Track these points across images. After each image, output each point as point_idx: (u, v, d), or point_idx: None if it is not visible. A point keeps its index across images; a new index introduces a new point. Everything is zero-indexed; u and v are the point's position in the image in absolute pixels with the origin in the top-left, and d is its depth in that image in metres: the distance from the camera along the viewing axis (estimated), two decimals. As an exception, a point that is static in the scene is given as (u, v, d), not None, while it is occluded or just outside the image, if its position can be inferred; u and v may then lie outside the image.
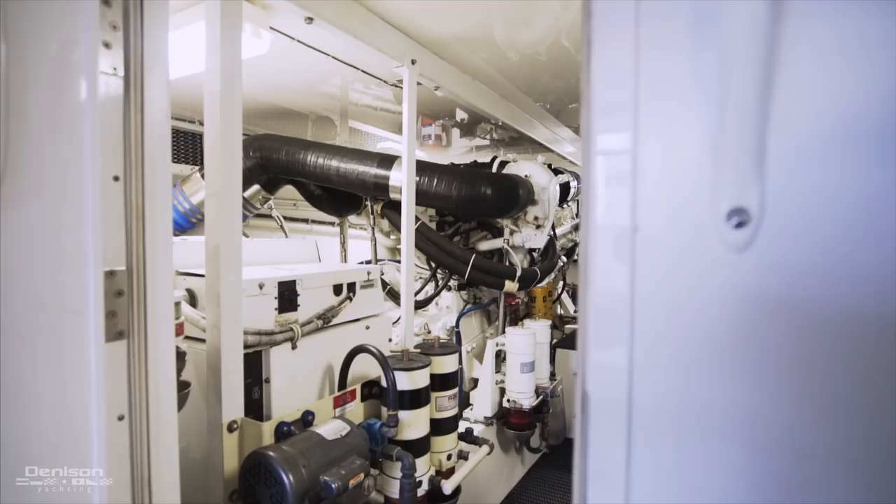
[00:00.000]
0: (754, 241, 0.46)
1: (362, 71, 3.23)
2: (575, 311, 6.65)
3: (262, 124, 4.65)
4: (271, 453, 1.44)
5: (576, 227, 6.00)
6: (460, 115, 5.63)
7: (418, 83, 2.85)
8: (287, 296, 1.90)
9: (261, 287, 1.78)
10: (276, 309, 1.85)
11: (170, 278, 1.17)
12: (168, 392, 1.15)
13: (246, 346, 1.66)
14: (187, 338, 1.74)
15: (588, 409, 0.55)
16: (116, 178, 1.06)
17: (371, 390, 2.07)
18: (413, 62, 2.59)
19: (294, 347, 1.87)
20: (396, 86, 3.53)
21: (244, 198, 3.84)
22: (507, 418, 3.69)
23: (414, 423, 2.03)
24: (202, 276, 1.60)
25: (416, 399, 2.03)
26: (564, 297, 6.31)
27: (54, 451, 1.01)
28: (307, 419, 1.71)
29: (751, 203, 0.47)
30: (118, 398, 1.04)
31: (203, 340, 1.59)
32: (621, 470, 0.52)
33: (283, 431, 1.60)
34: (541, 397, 3.67)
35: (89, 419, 0.96)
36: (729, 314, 0.48)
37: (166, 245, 1.16)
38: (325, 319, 2.01)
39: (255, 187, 3.91)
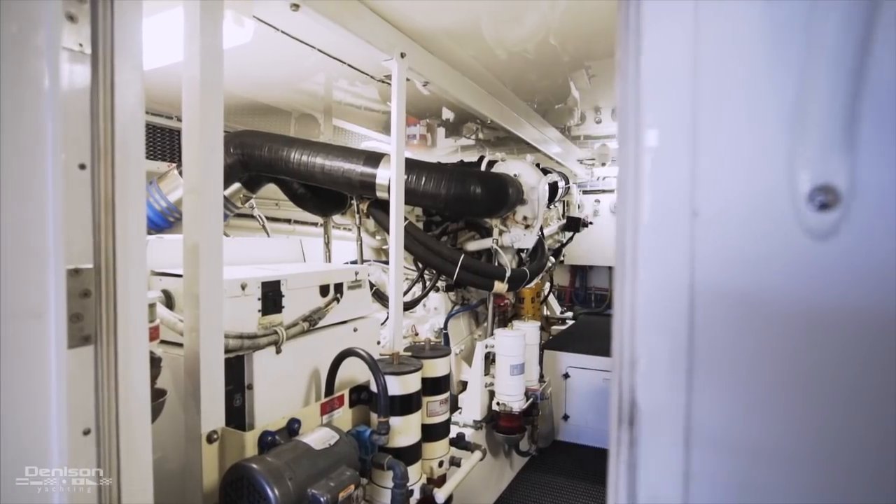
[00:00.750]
0: (841, 227, 0.39)
1: (349, 65, 3.14)
2: (561, 312, 6.63)
3: (242, 121, 4.51)
4: (255, 465, 1.34)
5: (562, 228, 5.98)
6: (446, 114, 5.56)
7: (407, 79, 2.77)
8: (271, 297, 1.80)
9: (243, 288, 1.68)
10: (259, 311, 1.74)
11: (143, 277, 1.07)
12: (141, 402, 1.05)
13: (227, 351, 1.56)
14: (163, 342, 1.63)
15: (638, 424, 0.47)
16: (83, 167, 0.96)
17: (360, 396, 1.98)
18: (402, 55, 2.51)
19: (278, 351, 1.77)
20: (384, 81, 3.44)
21: (224, 196, 3.71)
22: (497, 421, 3.62)
23: (405, 430, 1.94)
24: (179, 276, 1.50)
25: (407, 404, 1.95)
26: (551, 298, 6.29)
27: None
28: (293, 427, 1.62)
29: (839, 180, 0.39)
30: (84, 410, 0.93)
31: (180, 345, 1.48)
32: (678, 500, 0.45)
33: (267, 441, 1.50)
34: (531, 400, 3.61)
35: (48, 434, 0.86)
36: (806, 316, 0.41)
37: (139, 241, 1.06)
38: (312, 322, 1.91)
39: (236, 185, 3.78)
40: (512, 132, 4.60)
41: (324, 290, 2.04)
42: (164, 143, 3.83)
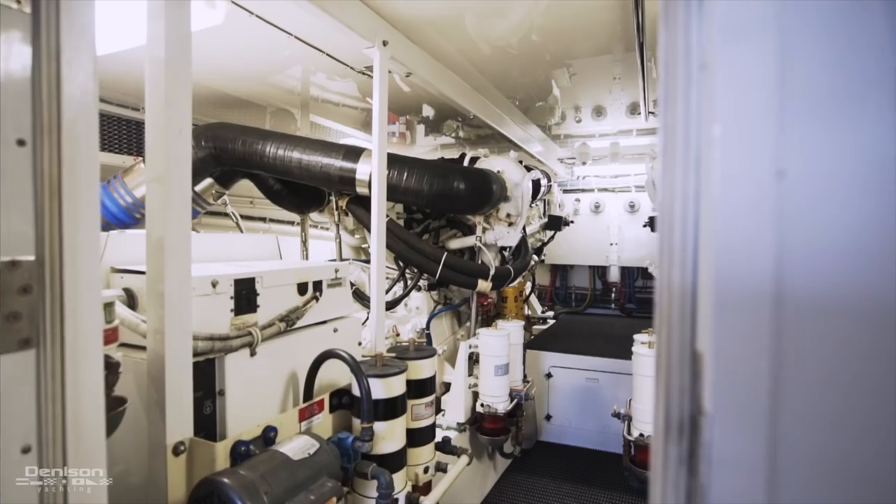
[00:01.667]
0: None
1: (327, 55, 3.01)
2: (543, 311, 6.60)
3: (214, 115, 4.33)
4: (226, 480, 1.22)
5: (544, 227, 5.94)
6: (427, 111, 5.47)
7: (389, 71, 2.66)
8: (245, 295, 1.67)
9: (214, 285, 1.55)
10: (231, 310, 1.62)
11: (96, 271, 0.94)
12: (93, 413, 0.92)
13: (196, 354, 1.43)
14: (124, 345, 1.49)
15: (706, 445, 0.38)
16: (21, 143, 0.83)
17: (341, 400, 1.87)
18: (385, 44, 2.40)
19: (253, 354, 1.65)
20: (364, 73, 3.32)
21: (195, 192, 3.54)
22: (481, 423, 3.54)
23: (389, 436, 1.84)
24: (143, 273, 1.36)
25: (391, 408, 1.84)
26: (532, 297, 6.24)
27: None
28: (269, 436, 1.49)
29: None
30: (21, 425, 0.80)
31: (144, 348, 1.35)
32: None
33: (240, 452, 1.38)
34: (515, 401, 3.54)
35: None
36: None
37: (91, 231, 0.93)
38: (289, 322, 1.79)
39: (208, 181, 3.61)
40: (494, 129, 4.53)
41: (302, 289, 1.92)
42: (129, 136, 3.63)
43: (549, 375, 4.65)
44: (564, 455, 4.46)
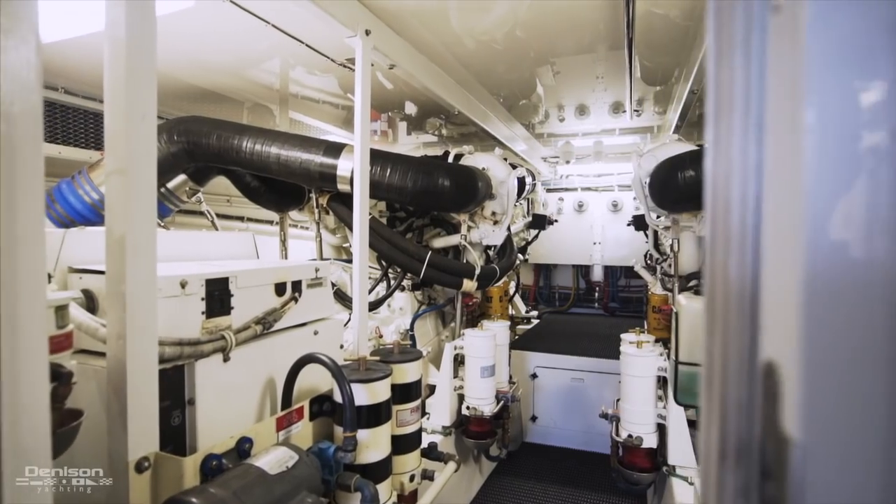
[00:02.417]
0: None
1: (307, 45, 2.89)
2: (527, 311, 6.55)
3: (187, 109, 4.16)
4: (195, 500, 1.11)
5: (528, 226, 5.89)
6: (409, 108, 5.38)
7: (371, 64, 2.56)
8: (217, 296, 1.55)
9: (183, 286, 1.43)
10: (203, 313, 1.50)
11: (41, 271, 0.83)
12: (37, 431, 0.81)
13: (162, 360, 1.32)
14: (82, 352, 1.37)
15: (795, 483, 0.29)
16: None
17: (322, 407, 1.76)
18: (367, 33, 2.30)
19: (226, 359, 1.53)
20: (346, 66, 3.21)
21: (167, 189, 3.38)
22: (467, 426, 3.46)
23: (373, 444, 1.74)
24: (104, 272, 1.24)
25: (375, 415, 1.75)
26: (516, 297, 6.19)
27: None
28: (243, 448, 1.39)
29: None
30: (-55, 449, 0.69)
31: (105, 354, 1.23)
32: None
33: (211, 467, 1.27)
34: (501, 403, 3.47)
35: None
36: None
37: (34, 223, 0.82)
38: (266, 324, 1.68)
39: (181, 177, 3.45)
40: (478, 126, 4.45)
41: (280, 289, 1.81)
42: (97, 129, 3.45)
43: (534, 376, 4.60)
44: (550, 456, 4.41)
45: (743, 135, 0.33)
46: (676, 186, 2.76)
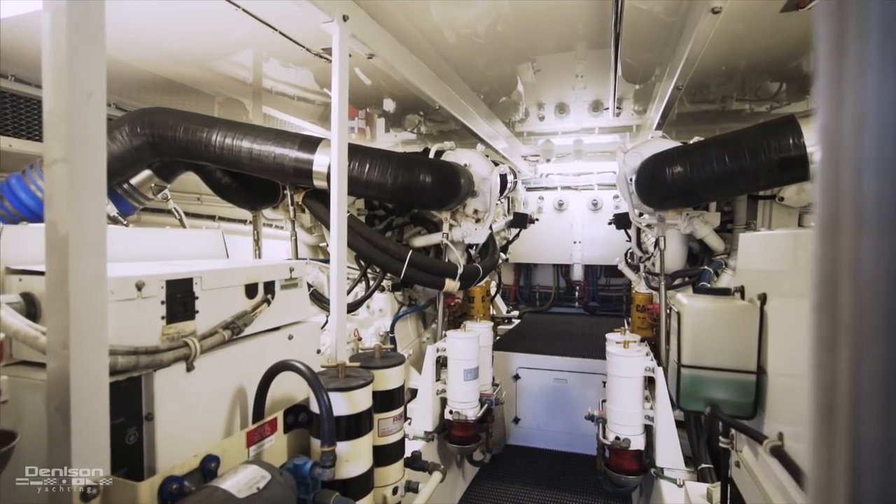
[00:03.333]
0: None
1: (281, 33, 2.73)
2: (508, 311, 6.48)
3: (155, 102, 3.93)
4: (150, 532, 0.97)
5: (509, 224, 5.82)
6: (388, 105, 5.25)
7: (350, 55, 2.42)
8: (180, 299, 1.41)
9: (139, 288, 1.28)
10: (163, 318, 1.35)
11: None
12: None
13: (115, 372, 1.17)
14: (20, 363, 1.21)
15: None
16: None
17: (297, 417, 1.63)
18: (345, 18, 2.17)
19: (190, 368, 1.39)
20: (322, 56, 3.06)
21: (131, 185, 3.18)
22: (450, 431, 3.35)
23: (354, 457, 1.61)
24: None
25: (356, 426, 1.62)
26: (497, 296, 6.11)
27: None
28: (209, 468, 1.25)
29: None
30: None
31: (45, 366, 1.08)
32: None
33: (171, 491, 1.13)
34: (485, 406, 3.37)
35: None
36: None
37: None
38: (235, 329, 1.54)
39: (146, 173, 3.26)
40: (458, 121, 4.33)
41: (251, 291, 1.67)
42: (53, 122, 3.22)
43: (516, 377, 4.52)
44: (534, 459, 4.33)
45: (881, 65, 0.23)
46: (664, 183, 2.70)
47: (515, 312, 6.46)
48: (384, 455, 1.83)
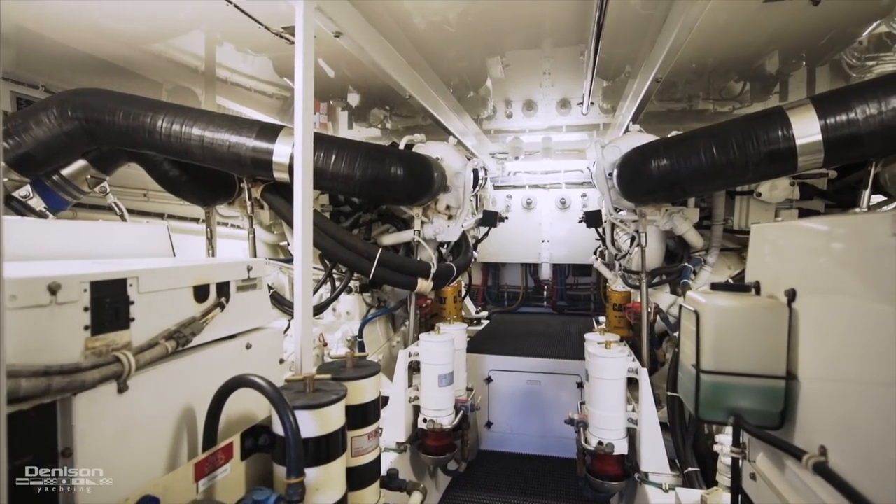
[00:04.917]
0: None
1: (235, 6, 2.45)
2: (477, 312, 6.32)
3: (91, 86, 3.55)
4: None
5: (479, 223, 5.68)
6: (352, 98, 5.01)
7: (315, 36, 2.18)
8: (110, 305, 1.15)
9: (53, 291, 1.02)
10: (86, 327, 1.09)
11: None
12: None
13: (16, 399, 0.92)
14: None
15: None
16: None
17: (257, 441, 1.39)
18: (309, -13, 1.93)
19: (122, 389, 1.13)
20: (282, 35, 2.80)
21: (61, 176, 2.83)
22: (423, 441, 3.15)
23: (325, 484, 1.39)
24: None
25: (327, 449, 1.40)
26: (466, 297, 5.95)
27: None
28: (145, 513, 1.00)
29: None
30: None
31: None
32: None
33: (93, 550, 0.88)
34: (461, 413, 3.18)
35: None
36: None
37: None
38: (181, 339, 1.29)
39: (81, 163, 2.90)
40: (427, 114, 4.13)
41: (201, 294, 1.42)
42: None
43: (489, 380, 4.36)
44: (507, 464, 4.19)
45: None
46: (649, 176, 2.60)
47: (485, 313, 6.32)
48: (358, 477, 1.62)
